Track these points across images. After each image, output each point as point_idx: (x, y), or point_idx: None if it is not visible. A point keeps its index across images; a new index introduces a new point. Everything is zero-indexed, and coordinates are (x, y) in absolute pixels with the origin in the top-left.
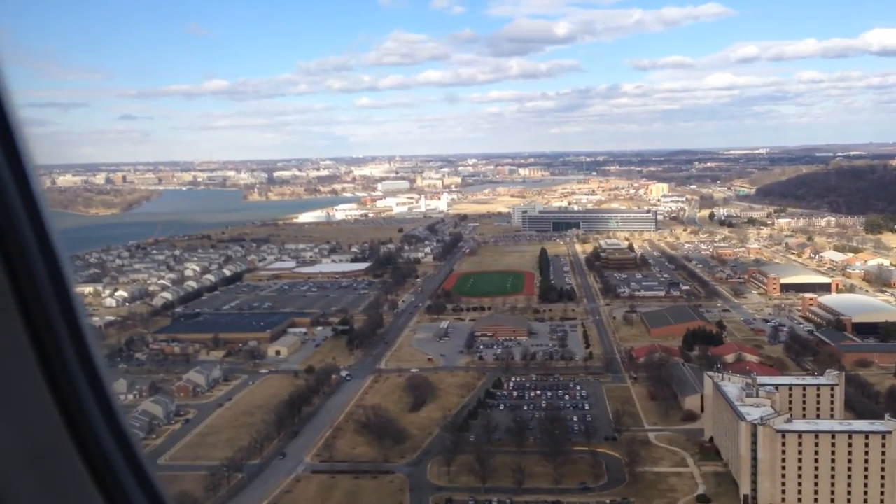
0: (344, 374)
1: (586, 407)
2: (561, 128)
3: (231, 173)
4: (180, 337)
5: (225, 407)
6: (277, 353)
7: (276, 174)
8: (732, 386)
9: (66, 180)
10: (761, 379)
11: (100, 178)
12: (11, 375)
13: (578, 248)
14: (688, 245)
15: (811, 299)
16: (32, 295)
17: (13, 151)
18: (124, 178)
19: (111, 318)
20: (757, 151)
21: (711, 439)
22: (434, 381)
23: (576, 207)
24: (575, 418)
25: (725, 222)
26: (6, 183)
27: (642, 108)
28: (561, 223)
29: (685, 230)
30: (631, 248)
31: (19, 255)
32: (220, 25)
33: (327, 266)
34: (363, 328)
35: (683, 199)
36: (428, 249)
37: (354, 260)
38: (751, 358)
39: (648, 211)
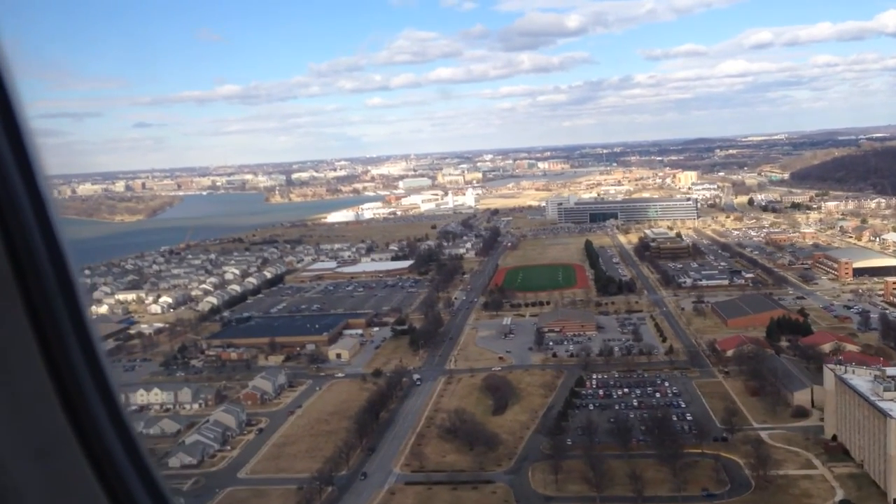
0: (416, 377)
1: (682, 405)
2: (573, 121)
3: (248, 177)
4: (235, 342)
5: (297, 415)
6: (338, 356)
7: (294, 176)
8: (860, 379)
9: (86, 189)
10: (889, 371)
11: (119, 186)
12: (17, 374)
13: (622, 238)
14: (736, 232)
15: (895, 283)
16: (39, 294)
17: (25, 162)
18: (143, 184)
19: (159, 324)
20: (775, 137)
21: (835, 437)
22: (511, 380)
23: (610, 198)
24: (674, 417)
25: (768, 208)
26: (17, 190)
27: (655, 98)
28: (598, 214)
29: (727, 217)
30: (679, 236)
31: (27, 256)
32: (231, 30)
33: (369, 265)
34: (424, 328)
35: (715, 186)
36: (468, 245)
37: (395, 258)
38: (851, 347)
39: (688, 199)
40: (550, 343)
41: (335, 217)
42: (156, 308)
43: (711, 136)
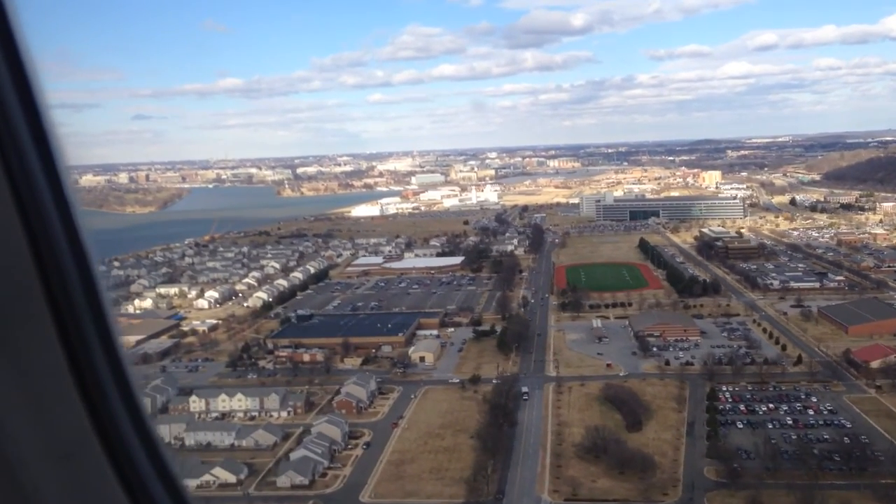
0: (523, 389)
1: (845, 424)
2: (573, 120)
3: (253, 170)
4: (304, 342)
5: (403, 427)
6: (422, 359)
7: (300, 170)
8: None
9: (88, 180)
10: None
11: (122, 178)
12: (40, 376)
13: (674, 237)
14: (795, 232)
15: None
16: (63, 296)
17: (47, 151)
18: (147, 176)
19: (211, 320)
20: (780, 140)
21: None
22: (633, 391)
23: (636, 196)
24: (845, 440)
25: (816, 208)
26: (39, 183)
27: (657, 99)
28: (638, 212)
29: (776, 217)
30: (740, 235)
31: (50, 255)
32: (235, 22)
33: (417, 261)
34: (513, 329)
35: (744, 186)
36: (515, 241)
37: (441, 254)
38: None
39: (735, 198)
40: (654, 348)
41: (360, 211)
42: (202, 303)
43: (716, 138)
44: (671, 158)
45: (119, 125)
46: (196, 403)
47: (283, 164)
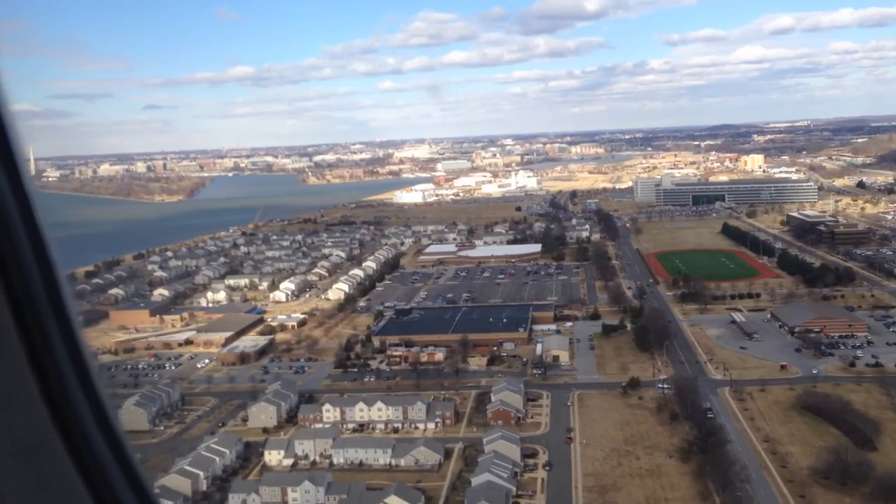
0: (706, 406)
1: None
2: (583, 107)
3: (270, 158)
4: (413, 339)
5: (580, 443)
6: (555, 358)
7: (317, 158)
8: None
9: (106, 169)
10: None
11: (140, 167)
12: (1, 372)
13: (755, 222)
14: (888, 216)
15: None
16: (22, 291)
17: (6, 149)
18: (164, 165)
19: (297, 315)
20: (798, 124)
21: None
22: (842, 400)
23: (685, 180)
24: None
25: (893, 190)
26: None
27: (669, 85)
28: (701, 196)
29: (855, 199)
30: (837, 219)
31: (10, 250)
32: (247, 10)
33: (493, 249)
34: (653, 325)
35: (793, 169)
36: (587, 227)
37: (512, 241)
38: None
39: (808, 180)
40: (822, 346)
41: (402, 198)
42: (279, 295)
43: (734, 123)
44: (696, 143)
45: (130, 115)
46: (330, 413)
47: (297, 153)
